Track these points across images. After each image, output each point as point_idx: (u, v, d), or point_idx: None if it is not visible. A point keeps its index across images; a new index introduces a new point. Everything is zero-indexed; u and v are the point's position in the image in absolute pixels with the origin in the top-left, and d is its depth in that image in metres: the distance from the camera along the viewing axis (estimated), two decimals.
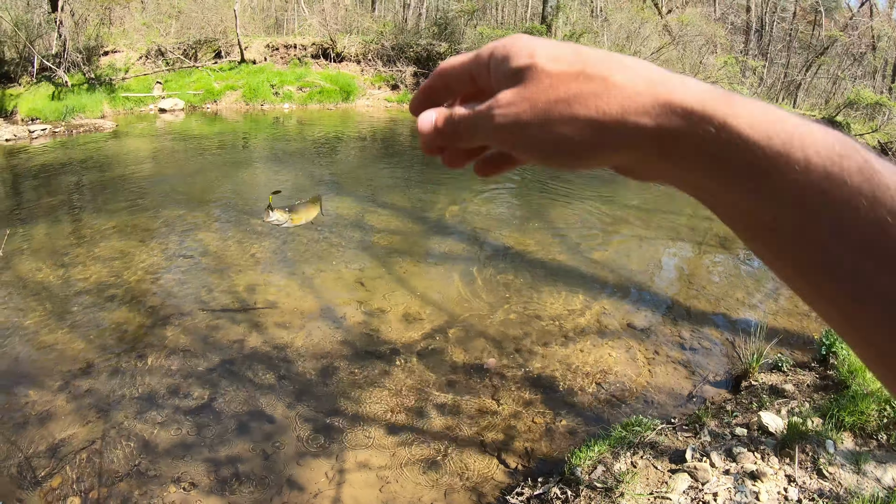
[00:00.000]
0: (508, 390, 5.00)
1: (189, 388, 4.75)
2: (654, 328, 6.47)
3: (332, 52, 25.35)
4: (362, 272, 7.15)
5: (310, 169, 12.98)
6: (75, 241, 8.10)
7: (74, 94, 20.00)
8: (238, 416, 4.44)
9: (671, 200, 12.27)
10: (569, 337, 6.05)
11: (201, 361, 5.12)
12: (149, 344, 5.42)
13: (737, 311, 7.14)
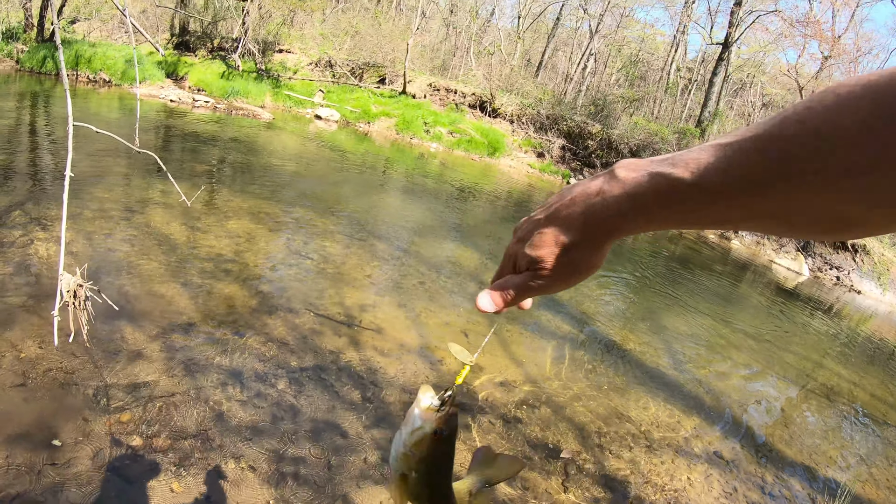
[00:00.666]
0: (579, 481, 4.85)
1: (276, 378, 4.80)
2: (738, 463, 6.21)
3: (489, 105, 25.79)
4: (469, 324, 7.14)
5: (440, 210, 13.14)
6: (209, 209, 8.42)
7: (242, 78, 20.99)
8: (314, 420, 4.45)
9: (786, 336, 11.89)
10: (652, 447, 5.85)
11: (295, 358, 5.18)
12: (251, 325, 5.53)
13: (825, 469, 6.79)
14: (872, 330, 18.63)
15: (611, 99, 28.95)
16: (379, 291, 7.23)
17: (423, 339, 6.33)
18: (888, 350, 15.92)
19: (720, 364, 9.14)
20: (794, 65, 39.27)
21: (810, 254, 25.93)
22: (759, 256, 24.62)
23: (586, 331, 8.42)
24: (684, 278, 14.95)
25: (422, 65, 30.01)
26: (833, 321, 17.26)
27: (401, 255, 8.95)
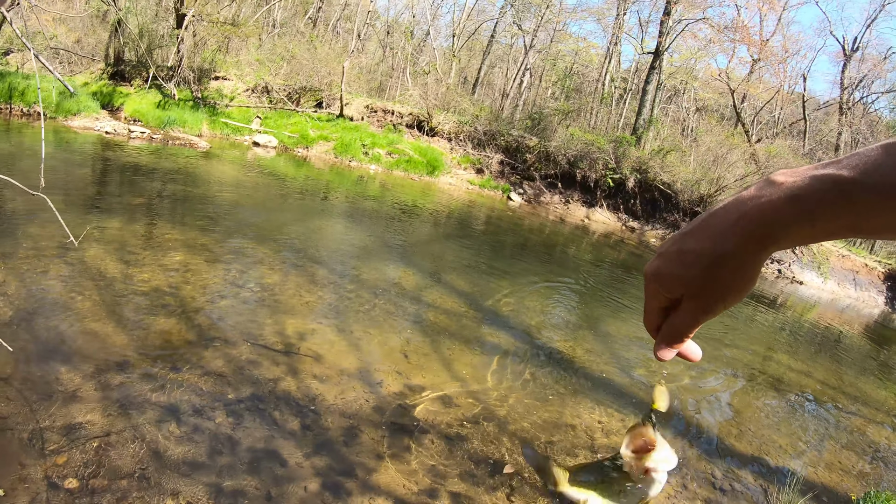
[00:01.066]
0: (524, 494, 4.89)
1: (213, 411, 4.77)
2: (687, 461, 6.31)
3: (426, 125, 25.96)
4: (409, 345, 7.16)
5: (380, 232, 13.17)
6: (145, 243, 8.34)
7: (179, 107, 20.88)
8: (253, 451, 4.43)
9: (732, 332, 12.13)
10: (597, 452, 5.92)
11: (232, 390, 5.15)
12: (187, 359, 5.49)
13: (777, 458, 6.94)
14: (817, 318, 19.11)
15: (547, 112, 29.30)
16: (317, 318, 7.22)
17: (362, 363, 6.33)
18: (833, 336, 16.34)
19: (665, 366, 9.27)
20: (724, 69, 40.19)
21: None
22: None
23: (529, 343, 8.50)
24: (628, 283, 15.16)
25: (359, 87, 30.09)
26: (778, 313, 17.67)
27: (340, 279, 8.94)
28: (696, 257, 0.74)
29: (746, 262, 0.73)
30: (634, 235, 25.63)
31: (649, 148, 28.89)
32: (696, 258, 0.74)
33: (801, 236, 0.68)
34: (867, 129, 42.15)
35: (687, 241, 0.76)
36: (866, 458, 7.91)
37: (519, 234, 18.63)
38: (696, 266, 0.74)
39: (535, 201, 25.78)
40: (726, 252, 0.72)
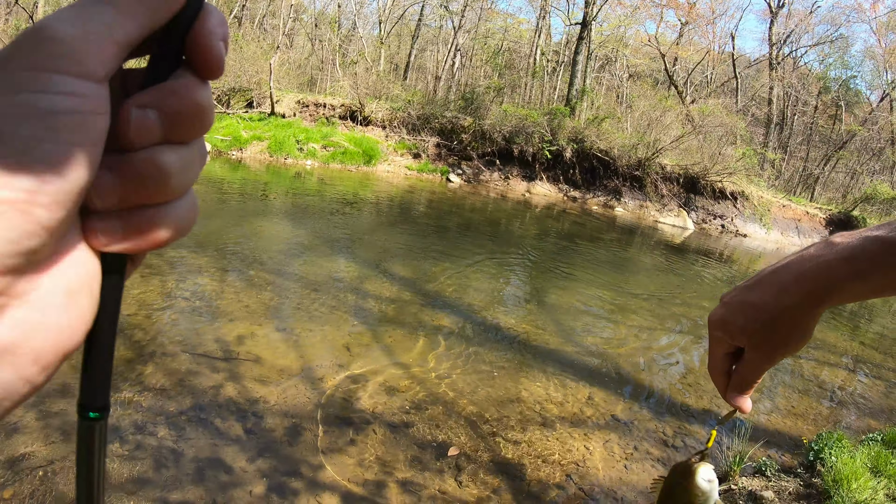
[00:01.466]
0: (474, 474, 4.96)
1: (155, 427, 4.77)
2: (637, 422, 6.43)
3: (359, 115, 25.83)
4: (350, 337, 7.19)
5: (319, 227, 13.13)
6: None
7: None
8: (197, 461, 4.45)
9: (679, 291, 12.35)
10: (547, 424, 6.02)
11: (173, 403, 5.15)
12: (126, 377, 5.46)
13: (728, 409, 7.08)
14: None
15: (479, 91, 29.34)
16: (257, 320, 7.21)
17: (303, 361, 6.36)
18: None
19: (614, 330, 9.44)
20: (654, 34, 40.71)
21: (693, 208, 26.86)
22: (644, 219, 25.37)
23: (474, 322, 8.58)
24: (573, 252, 15.32)
25: (289, 83, 29.79)
26: (725, 267, 18.01)
27: (279, 279, 8.92)
28: (758, 310, 0.81)
29: (805, 316, 0.79)
30: (576, 205, 25.84)
31: (584, 117, 29.09)
32: (758, 311, 0.81)
33: (854, 293, 0.75)
34: (798, 83, 42.93)
35: (751, 294, 0.83)
36: (821, 401, 8.13)
37: (461, 215, 18.70)
38: (759, 318, 0.81)
39: (475, 180, 25.87)
40: (787, 307, 0.79)
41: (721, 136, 29.61)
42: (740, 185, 27.83)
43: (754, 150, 29.71)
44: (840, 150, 38.74)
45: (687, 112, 31.01)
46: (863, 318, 15.49)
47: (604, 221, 23.07)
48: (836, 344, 11.42)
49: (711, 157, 27.13)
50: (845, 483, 4.90)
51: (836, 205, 31.72)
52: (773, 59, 42.11)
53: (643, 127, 28.70)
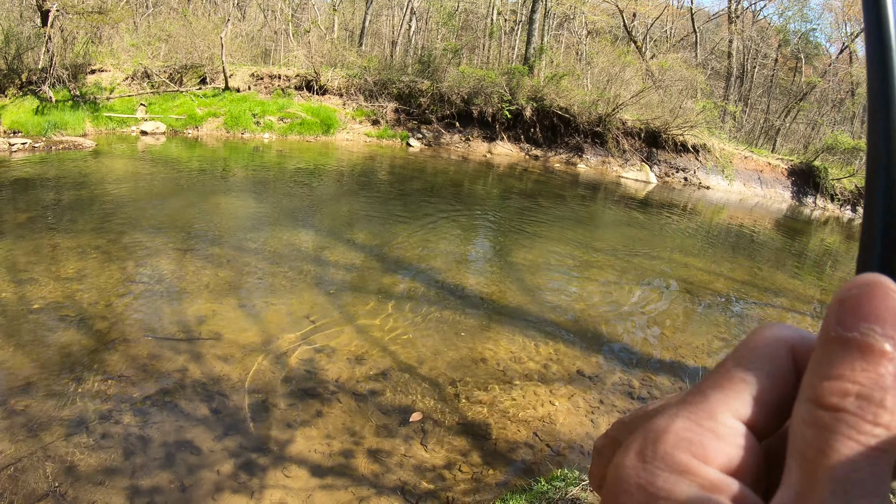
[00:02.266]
0: (440, 438, 5.02)
1: (120, 414, 4.77)
2: (603, 376, 6.52)
3: (315, 84, 25.57)
4: (313, 308, 7.21)
5: (279, 200, 13.06)
6: (36, 258, 8.12)
7: (58, 109, 20.01)
8: (165, 445, 4.47)
9: (644, 244, 12.46)
10: (512, 383, 6.08)
11: (137, 389, 5.14)
12: (89, 367, 5.44)
13: (694, 359, 7.21)
14: (727, 219, 19.75)
15: (436, 54, 29.13)
16: (217, 298, 7.18)
17: (265, 336, 6.36)
18: (746, 235, 16.89)
19: (579, 287, 9.52)
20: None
21: (655, 162, 27.02)
22: (606, 175, 25.47)
23: (437, 285, 8.61)
24: (536, 211, 15.38)
25: (242, 56, 29.36)
26: (688, 219, 18.16)
27: (239, 255, 8.88)
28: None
29: None
30: (538, 163, 25.86)
31: (543, 76, 29.02)
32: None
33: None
34: (758, 36, 43.12)
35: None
36: None
37: (422, 179, 18.67)
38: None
39: (436, 144, 25.77)
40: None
41: (681, 90, 29.69)
42: (702, 138, 27.98)
43: (715, 104, 29.82)
44: (800, 101, 39.02)
45: (647, 67, 31.03)
46: (827, 265, 15.76)
47: (566, 178, 23.13)
48: (801, 291, 11.60)
49: (672, 111, 27.22)
50: None
51: (798, 155, 32.01)
52: (733, 12, 42.19)
53: (603, 83, 28.69)
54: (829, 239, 20.87)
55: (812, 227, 22.84)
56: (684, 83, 30.14)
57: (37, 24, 22.24)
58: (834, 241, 20.61)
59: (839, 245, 19.70)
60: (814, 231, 22.03)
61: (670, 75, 29.65)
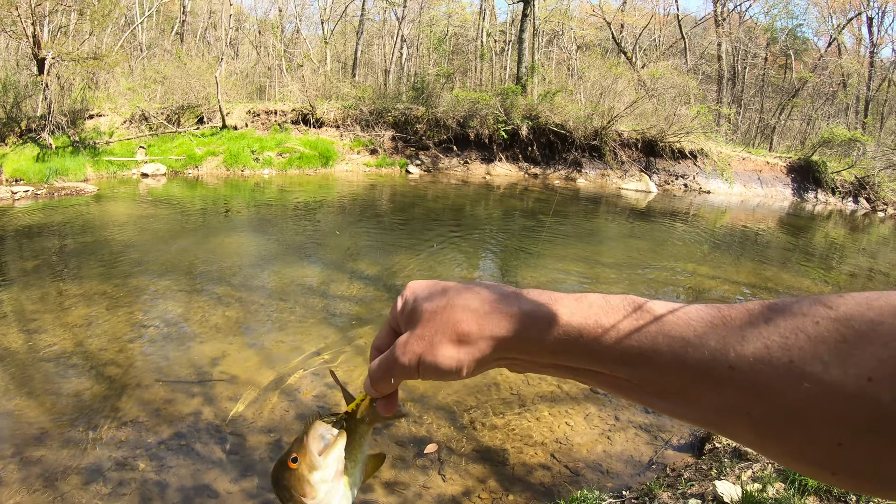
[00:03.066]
0: (456, 465, 5.00)
1: (136, 460, 4.76)
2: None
3: (311, 117, 25.73)
4: (323, 343, 7.20)
5: (283, 236, 13.09)
6: (43, 306, 8.14)
7: (59, 156, 20.14)
8: (182, 489, 4.45)
9: (649, 255, 12.43)
10: (526, 406, 6.05)
11: (151, 434, 5.14)
12: (103, 414, 5.44)
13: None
14: (731, 222, 19.78)
15: (429, 79, 29.30)
16: (226, 338, 7.18)
17: (277, 374, 6.35)
18: (750, 236, 16.88)
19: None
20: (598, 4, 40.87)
21: (654, 171, 27.10)
22: (606, 188, 25.52)
23: None
24: (539, 230, 15.37)
25: (238, 93, 29.56)
26: (692, 225, 18.18)
27: (246, 293, 8.89)
28: (456, 359, 0.81)
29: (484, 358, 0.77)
30: (538, 181, 25.93)
31: (536, 93, 29.18)
32: (456, 359, 0.81)
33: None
34: (746, 36, 43.38)
35: (467, 296, 0.77)
36: None
37: (423, 206, 18.71)
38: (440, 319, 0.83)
39: (434, 169, 25.86)
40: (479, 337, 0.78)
41: (674, 97, 29.85)
42: (698, 143, 28.11)
43: (708, 108, 29.98)
44: (793, 97, 39.20)
45: (638, 77, 31.21)
46: (833, 259, 15.73)
47: (567, 194, 23.16)
48: (808, 287, 11.59)
49: (667, 118, 27.34)
50: None
51: (796, 152, 32.14)
52: (719, 15, 42.54)
53: (596, 97, 28.86)
54: (834, 233, 20.89)
55: (815, 222, 22.88)
56: (677, 90, 30.30)
57: (33, 73, 22.44)
58: (839, 234, 20.62)
59: (844, 238, 19.70)
60: (817, 226, 22.07)
61: (662, 83, 29.84)
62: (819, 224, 22.63)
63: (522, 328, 0.66)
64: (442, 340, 0.69)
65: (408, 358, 0.71)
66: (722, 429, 0.58)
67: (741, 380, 0.53)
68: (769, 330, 0.52)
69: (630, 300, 0.64)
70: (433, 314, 0.71)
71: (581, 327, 0.63)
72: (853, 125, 36.43)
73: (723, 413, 0.55)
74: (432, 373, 0.71)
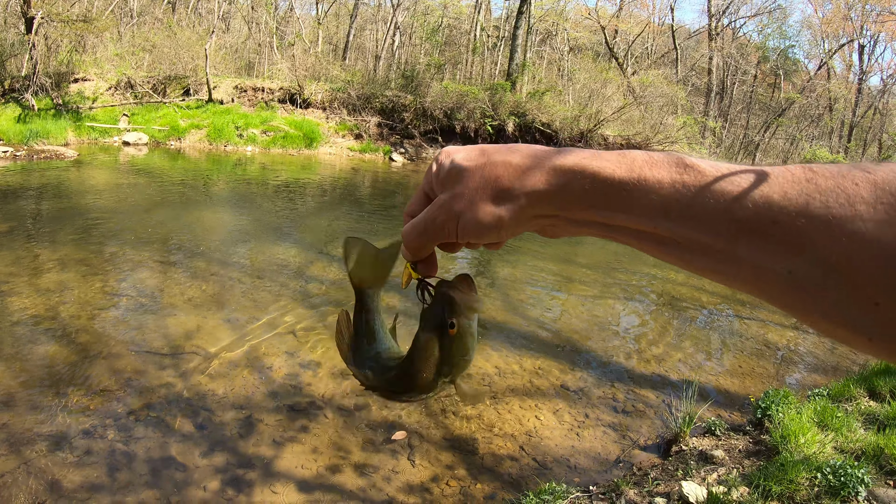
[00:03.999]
0: (426, 452, 5.01)
1: (105, 430, 4.72)
2: (587, 389, 6.52)
3: (298, 97, 25.55)
4: (297, 323, 7.18)
5: (262, 215, 13.03)
6: (16, 269, 8.05)
7: (40, 118, 19.86)
8: (150, 461, 4.43)
9: (625, 259, 12.48)
10: (498, 398, 6.08)
11: (121, 404, 5.10)
12: (72, 382, 5.39)
13: (678, 372, 7.22)
14: None
15: (419, 68, 29.23)
16: (201, 313, 7.14)
17: (250, 351, 6.33)
18: None
19: (562, 301, 9.54)
20: (594, 7, 41.07)
21: None
22: None
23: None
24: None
25: (226, 68, 29.31)
26: None
27: (222, 269, 8.84)
28: (496, 214, 0.82)
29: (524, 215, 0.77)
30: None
31: (525, 91, 29.18)
32: (496, 215, 0.82)
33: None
34: (737, 53, 43.66)
35: (510, 156, 0.77)
36: (768, 359, 8.32)
37: (405, 194, 18.64)
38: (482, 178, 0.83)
39: (418, 158, 25.81)
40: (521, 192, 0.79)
41: (662, 105, 29.97)
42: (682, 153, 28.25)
43: (695, 119, 30.18)
44: (779, 117, 39.55)
45: (628, 83, 31.30)
46: None
47: None
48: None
49: (653, 126, 27.47)
50: (793, 438, 4.96)
51: None
52: (713, 30, 42.75)
53: (584, 99, 28.90)
54: None
55: None
56: (665, 99, 30.44)
57: (21, 31, 22.10)
58: None
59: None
60: None
61: (651, 91, 29.95)
62: None
63: (565, 181, 0.66)
64: (483, 197, 0.70)
65: (447, 216, 0.73)
66: (761, 288, 0.58)
67: (783, 234, 0.54)
68: (810, 188, 0.54)
69: (675, 157, 0.64)
70: (472, 172, 0.71)
71: (625, 180, 0.63)
72: (836, 149, 36.89)
73: (762, 270, 0.56)
74: (472, 230, 0.71)
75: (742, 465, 4.92)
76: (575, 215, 0.68)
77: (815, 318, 0.55)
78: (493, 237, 0.72)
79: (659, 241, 0.64)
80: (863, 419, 5.76)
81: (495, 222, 0.70)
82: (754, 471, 4.59)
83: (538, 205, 0.68)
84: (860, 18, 40.36)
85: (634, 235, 0.66)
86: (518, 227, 0.71)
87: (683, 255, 0.63)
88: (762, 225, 0.55)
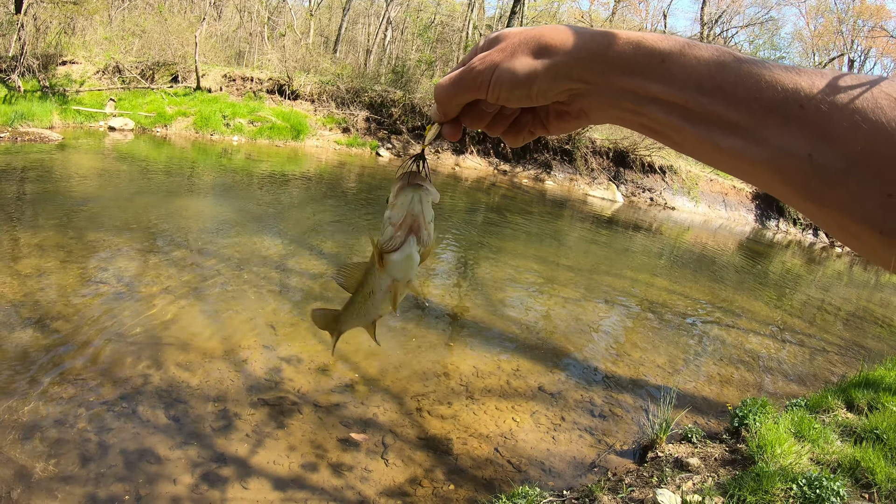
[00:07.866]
0: (400, 451, 5.00)
1: (77, 419, 4.67)
2: (565, 392, 6.53)
3: (287, 89, 25.45)
4: (276, 316, 7.15)
5: (245, 205, 12.95)
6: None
7: (26, 100, 19.65)
8: (123, 453, 4.38)
9: (609, 262, 12.52)
10: (474, 398, 6.07)
11: (94, 393, 5.04)
12: (45, 369, 5.33)
13: (657, 377, 7.26)
14: (692, 240, 20.04)
15: (410, 64, 29.18)
16: (178, 303, 7.08)
17: (227, 343, 6.29)
18: (709, 256, 17.09)
19: (543, 303, 9.55)
20: (587, 11, 41.12)
21: (622, 181, 27.29)
22: (573, 192, 25.67)
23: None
24: (503, 226, 15.43)
25: (216, 56, 29.17)
26: (653, 239, 18.37)
27: (202, 259, 8.77)
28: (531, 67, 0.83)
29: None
30: (506, 178, 26.02)
31: None
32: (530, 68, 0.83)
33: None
34: None
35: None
36: (747, 368, 8.38)
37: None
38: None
39: (405, 154, 25.68)
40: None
41: None
42: (669, 160, 28.45)
43: None
44: None
45: None
46: (787, 287, 16.00)
47: (534, 194, 23.27)
48: (760, 312, 11.77)
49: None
50: (769, 448, 4.99)
51: None
52: (705, 38, 42.95)
53: None
54: (790, 262, 21.25)
55: (774, 250, 23.30)
56: None
57: (10, 11, 21.88)
58: (795, 264, 21.02)
59: (800, 269, 20.06)
60: (776, 254, 22.47)
61: None
62: (778, 252, 23.04)
63: (608, 44, 0.69)
64: (523, 50, 0.72)
65: (484, 65, 0.74)
66: (782, 173, 0.61)
67: (808, 119, 0.57)
68: (837, 82, 0.58)
69: (714, 45, 0.67)
70: (516, 33, 0.74)
71: (667, 51, 0.66)
72: None
73: (785, 153, 0.59)
74: (506, 81, 0.73)
75: (717, 473, 4.92)
76: (613, 82, 0.70)
77: (829, 211, 0.59)
78: (524, 91, 0.73)
79: (686, 117, 0.66)
80: (840, 431, 5.80)
81: (530, 73, 0.72)
82: (729, 480, 4.60)
83: (577, 66, 0.70)
84: (851, 33, 40.67)
85: (665, 110, 0.68)
86: (550, 86, 0.72)
87: (711, 134, 0.65)
88: (789, 108, 0.58)
